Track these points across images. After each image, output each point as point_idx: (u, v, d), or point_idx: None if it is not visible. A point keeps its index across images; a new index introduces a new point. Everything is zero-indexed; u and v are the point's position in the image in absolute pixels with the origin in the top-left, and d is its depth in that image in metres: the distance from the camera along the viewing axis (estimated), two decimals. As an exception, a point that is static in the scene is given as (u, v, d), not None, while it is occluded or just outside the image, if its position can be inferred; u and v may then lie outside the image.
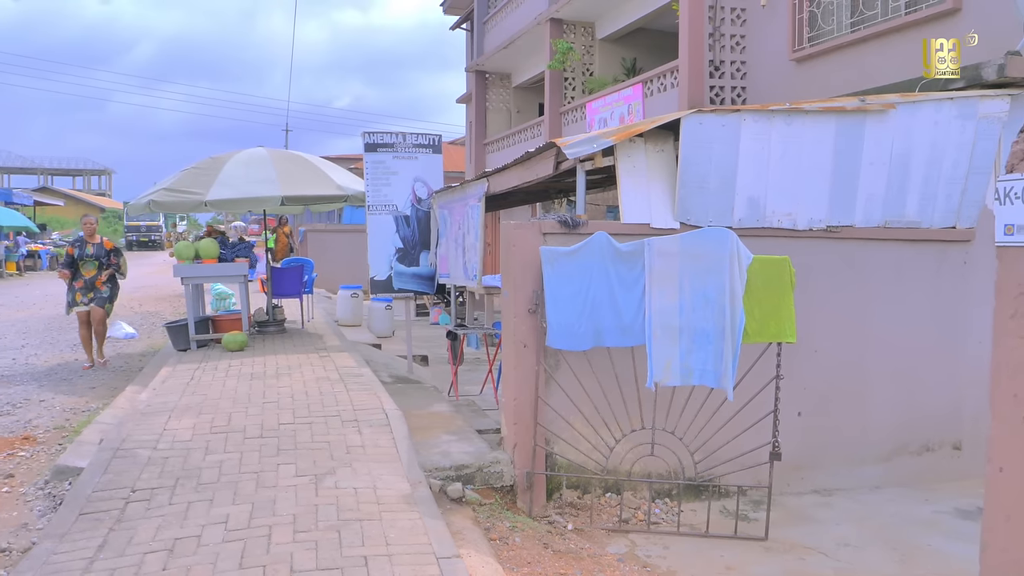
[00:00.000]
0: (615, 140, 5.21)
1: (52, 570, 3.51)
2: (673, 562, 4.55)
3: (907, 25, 7.78)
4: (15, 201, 28.40)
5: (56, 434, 6.09)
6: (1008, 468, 1.79)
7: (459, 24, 22.33)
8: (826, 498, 5.69)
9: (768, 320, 4.90)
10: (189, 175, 8.91)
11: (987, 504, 1.85)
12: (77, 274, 8.68)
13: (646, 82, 12.02)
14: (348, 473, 4.65)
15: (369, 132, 8.98)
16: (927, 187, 5.89)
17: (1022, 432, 1.77)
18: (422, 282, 9.10)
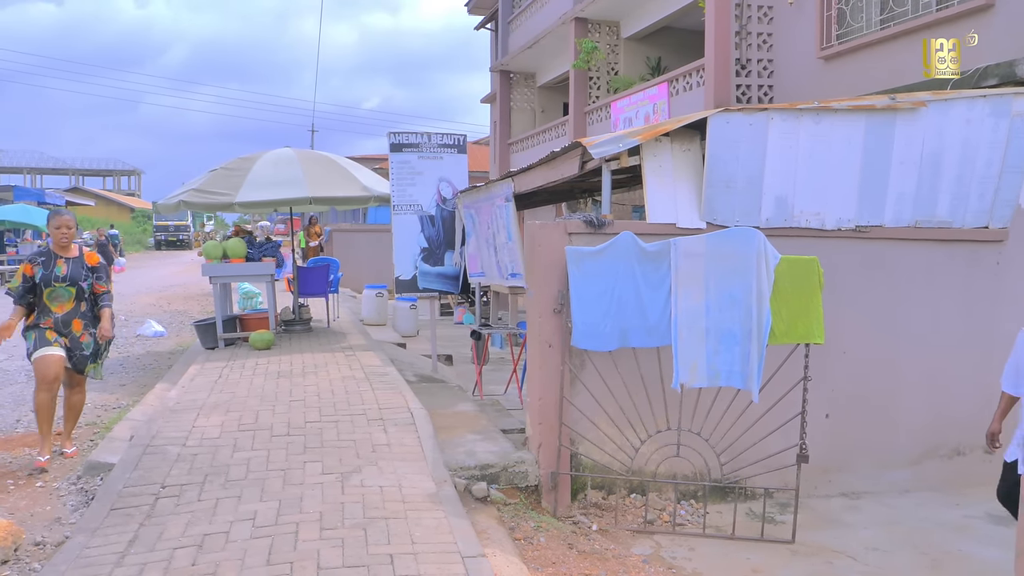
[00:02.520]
0: (641, 139, 5.19)
1: (85, 564, 3.58)
2: (699, 564, 4.52)
3: (939, 22, 7.66)
4: (47, 201, 28.87)
5: (88, 430, 6.19)
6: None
7: (483, 24, 22.37)
8: (854, 501, 5.62)
9: (796, 321, 4.85)
10: (219, 176, 9.02)
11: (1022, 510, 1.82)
12: (44, 309, 5.31)
13: (671, 81, 11.96)
14: (374, 471, 4.68)
15: (394, 132, 9.04)
16: (959, 186, 5.79)
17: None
18: (447, 282, 9.13)
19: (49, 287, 5.32)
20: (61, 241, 5.43)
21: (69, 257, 5.45)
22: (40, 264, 5.34)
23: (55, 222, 5.46)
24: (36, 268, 5.32)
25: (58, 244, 5.44)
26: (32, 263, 5.35)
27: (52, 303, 5.36)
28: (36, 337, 5.30)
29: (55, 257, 5.40)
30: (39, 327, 5.33)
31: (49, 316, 5.35)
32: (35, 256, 5.46)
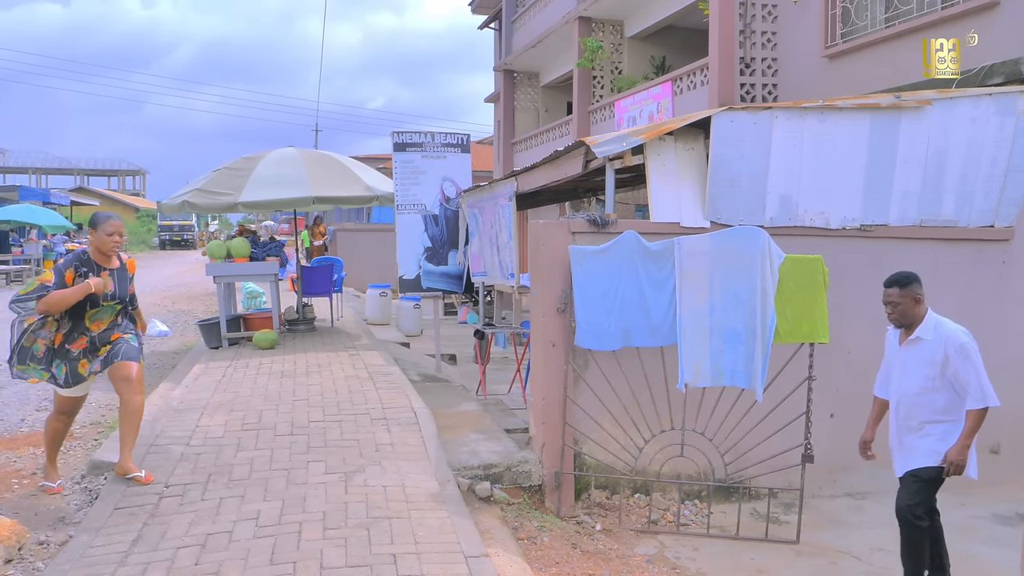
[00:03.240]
0: (644, 139, 5.18)
1: (88, 563, 3.58)
2: (703, 564, 4.51)
3: (943, 20, 7.63)
4: (52, 201, 28.96)
5: (92, 430, 6.19)
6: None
7: (487, 24, 22.36)
8: (859, 501, 5.60)
9: (800, 320, 4.83)
10: (222, 176, 9.02)
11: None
12: (79, 329, 4.57)
13: (675, 80, 11.94)
14: (377, 471, 4.68)
15: (398, 132, 9.04)
16: (964, 185, 5.77)
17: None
18: (450, 281, 9.12)
19: (96, 307, 4.54)
20: (111, 249, 4.61)
21: (112, 268, 4.64)
22: (83, 276, 4.47)
23: (107, 227, 4.57)
24: (79, 280, 4.46)
25: (106, 253, 4.61)
26: (76, 271, 4.47)
27: (91, 322, 4.59)
28: (68, 371, 4.53)
29: (98, 269, 4.55)
30: (69, 355, 4.54)
31: (84, 335, 4.56)
32: (76, 263, 4.50)
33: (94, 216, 4.68)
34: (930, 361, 3.84)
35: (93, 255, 4.59)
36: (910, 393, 3.94)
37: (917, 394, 3.91)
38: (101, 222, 4.62)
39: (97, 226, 4.61)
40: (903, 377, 3.99)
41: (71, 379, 4.57)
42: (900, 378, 4.01)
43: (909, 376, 3.94)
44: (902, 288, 3.88)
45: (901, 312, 3.91)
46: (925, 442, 3.89)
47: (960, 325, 3.91)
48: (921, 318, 3.91)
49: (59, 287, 4.39)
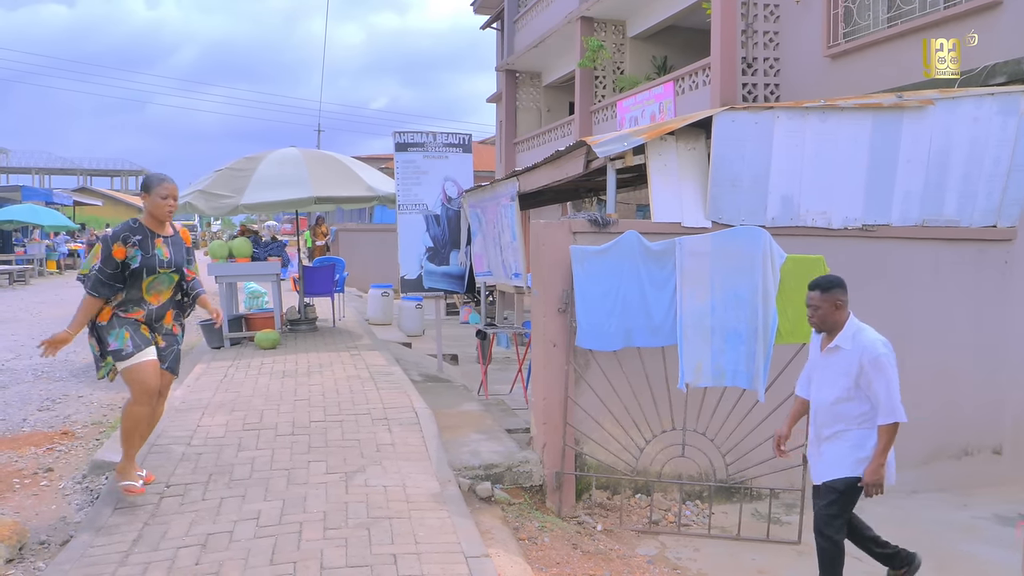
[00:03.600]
0: (646, 138, 5.17)
1: (88, 563, 3.58)
2: (704, 564, 4.50)
3: (946, 20, 7.62)
4: (55, 201, 29.05)
5: (94, 429, 6.20)
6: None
7: (489, 23, 22.37)
8: (860, 502, 5.57)
9: (802, 320, 4.80)
10: (224, 176, 9.02)
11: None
12: (135, 299, 4.26)
13: (677, 80, 11.93)
14: (378, 471, 4.68)
15: (400, 132, 9.03)
16: (967, 185, 5.76)
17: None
18: (452, 281, 9.12)
19: (153, 275, 4.23)
20: (165, 214, 4.29)
21: (167, 236, 4.34)
22: (136, 244, 4.16)
23: (161, 190, 4.25)
24: (131, 250, 4.15)
25: (160, 219, 4.29)
26: (125, 243, 4.15)
27: (149, 293, 4.28)
28: (130, 334, 4.16)
29: (152, 236, 4.24)
30: (128, 320, 4.20)
31: (142, 308, 4.25)
32: (126, 234, 4.17)
33: (147, 179, 4.32)
34: (846, 371, 3.75)
35: (146, 221, 4.28)
36: (827, 402, 3.86)
37: (833, 404, 3.82)
38: (155, 185, 4.26)
39: (151, 189, 4.26)
40: (821, 386, 3.90)
41: (136, 342, 4.16)
42: (819, 386, 3.93)
43: (827, 385, 3.86)
44: (823, 292, 3.81)
45: (820, 317, 3.83)
46: (840, 450, 3.80)
47: (881, 335, 3.79)
48: (841, 325, 3.81)
49: (107, 263, 4.11)
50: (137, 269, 4.16)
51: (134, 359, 4.16)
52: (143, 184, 4.31)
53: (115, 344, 4.16)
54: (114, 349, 4.16)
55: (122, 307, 4.23)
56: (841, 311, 3.81)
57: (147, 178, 4.34)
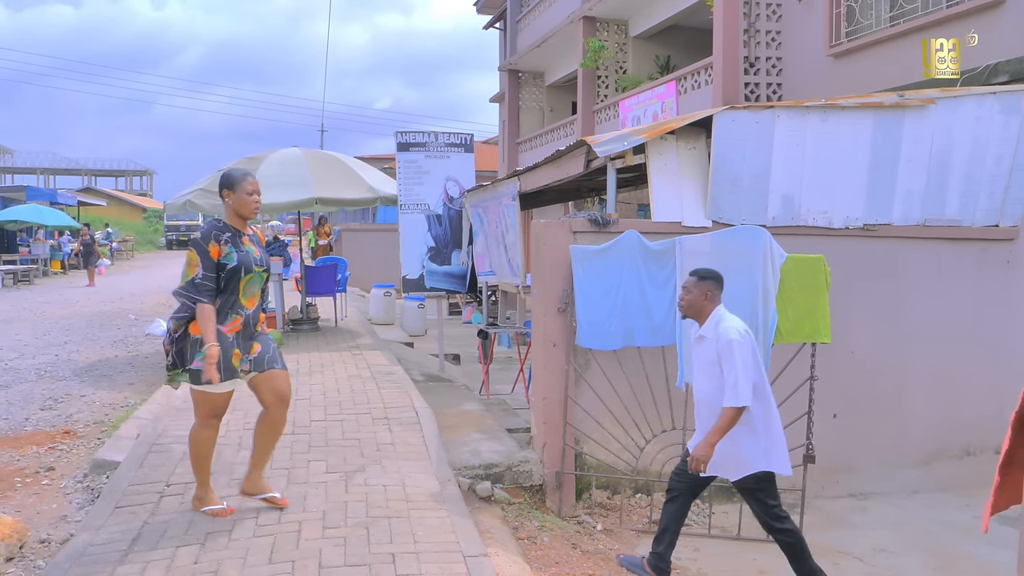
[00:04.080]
0: (646, 138, 5.17)
1: (88, 561, 3.59)
2: (704, 564, 4.50)
3: (948, 19, 7.60)
4: (60, 201, 29.12)
5: (95, 428, 6.21)
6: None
7: (492, 23, 22.38)
8: (862, 502, 5.58)
9: (802, 320, 4.82)
10: (226, 176, 9.03)
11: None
12: (232, 305, 3.86)
13: (680, 79, 11.92)
14: (378, 471, 4.68)
15: (401, 132, 9.03)
16: (968, 184, 5.74)
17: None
18: (454, 281, 9.12)
19: (249, 274, 3.86)
20: (252, 211, 3.94)
21: (250, 235, 4.02)
22: (228, 242, 3.80)
23: (247, 186, 3.89)
24: (225, 248, 3.78)
25: (246, 216, 3.94)
26: (218, 241, 3.78)
27: (246, 296, 3.89)
28: (219, 360, 3.75)
29: (238, 234, 3.88)
30: (225, 338, 3.80)
31: (239, 314, 3.86)
32: (216, 232, 3.80)
33: (229, 176, 3.92)
34: (711, 360, 3.83)
35: (229, 220, 3.90)
36: (705, 394, 3.92)
37: (709, 394, 3.87)
38: (239, 181, 3.89)
39: (235, 186, 3.88)
40: (698, 377, 3.99)
41: (223, 371, 3.76)
42: (697, 379, 4.01)
43: (702, 376, 3.94)
44: (699, 280, 3.93)
45: (689, 301, 3.93)
46: (738, 448, 3.82)
47: (743, 323, 3.87)
48: (707, 315, 3.90)
49: (208, 267, 3.74)
50: (234, 268, 3.78)
51: (210, 388, 3.79)
52: (225, 181, 3.91)
53: (199, 363, 3.73)
54: (195, 369, 3.75)
55: (219, 318, 3.79)
56: (710, 302, 3.90)
57: (229, 174, 3.93)
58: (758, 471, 3.82)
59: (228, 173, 3.94)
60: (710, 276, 3.95)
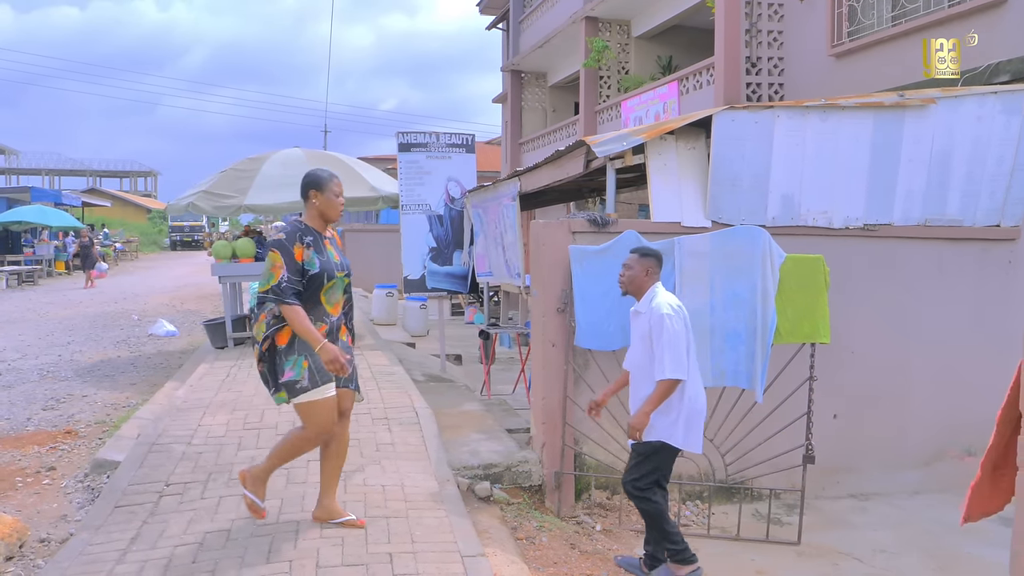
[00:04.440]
0: (645, 138, 5.16)
1: (87, 560, 3.60)
2: (703, 564, 4.46)
3: (951, 18, 7.58)
4: (64, 202, 29.24)
5: (97, 428, 6.23)
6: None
7: (495, 24, 22.38)
8: (863, 503, 5.56)
9: (801, 320, 4.81)
10: (228, 177, 9.06)
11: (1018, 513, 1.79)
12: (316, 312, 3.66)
13: (682, 80, 11.91)
14: (377, 471, 4.68)
15: (403, 132, 9.05)
16: (969, 184, 5.72)
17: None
18: (455, 281, 9.13)
19: (332, 280, 3.68)
20: (338, 214, 3.77)
21: (331, 238, 3.84)
22: (311, 246, 3.62)
23: (334, 187, 3.73)
24: (308, 252, 3.60)
25: (331, 219, 3.77)
26: (302, 243, 3.60)
27: (329, 303, 3.72)
28: (310, 363, 3.58)
29: (320, 237, 3.72)
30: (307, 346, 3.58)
31: (324, 322, 3.67)
32: (299, 233, 3.62)
33: (316, 176, 3.73)
34: (644, 335, 3.94)
35: (310, 222, 3.72)
36: (635, 366, 4.08)
37: (639, 367, 4.03)
38: (327, 181, 3.71)
39: (323, 187, 3.70)
40: (631, 350, 4.15)
41: (317, 372, 3.57)
42: (631, 351, 4.17)
43: (635, 349, 4.09)
44: (640, 256, 4.06)
45: (629, 277, 4.05)
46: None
47: (677, 299, 4.00)
48: (644, 291, 4.02)
49: (293, 270, 3.53)
50: (316, 274, 3.60)
51: (310, 395, 3.58)
52: (312, 181, 3.72)
53: (291, 373, 3.57)
54: (288, 380, 3.57)
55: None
56: (649, 279, 4.02)
57: (317, 174, 3.75)
58: (660, 440, 3.95)
59: (315, 173, 3.75)
60: (651, 253, 4.09)
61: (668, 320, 3.81)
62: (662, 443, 3.95)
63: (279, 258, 3.54)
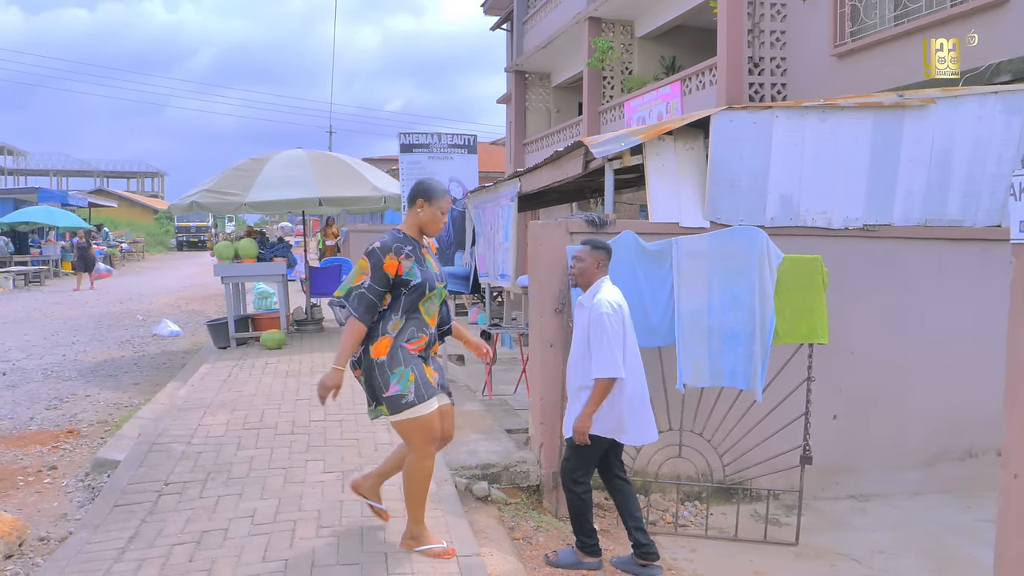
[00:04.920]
0: (643, 138, 5.17)
1: (85, 559, 3.62)
2: (699, 565, 4.49)
3: (952, 18, 7.56)
4: (70, 203, 29.37)
5: (99, 428, 6.27)
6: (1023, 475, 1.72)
7: (499, 25, 22.38)
8: (862, 504, 5.55)
9: (799, 321, 4.80)
10: (230, 176, 9.10)
11: (1001, 512, 1.79)
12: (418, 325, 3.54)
13: (684, 80, 11.90)
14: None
15: (405, 133, 9.07)
16: (970, 184, 5.70)
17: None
18: (457, 282, 9.14)
19: (433, 291, 3.54)
20: (440, 230, 3.67)
21: (427, 247, 3.71)
22: (411, 256, 3.47)
23: (443, 203, 3.60)
24: (407, 263, 3.45)
25: (432, 234, 3.67)
26: (398, 254, 3.44)
27: (429, 315, 3.59)
28: (416, 376, 3.44)
29: (419, 246, 3.58)
30: (412, 356, 3.47)
31: (424, 334, 3.54)
32: (398, 244, 3.47)
33: (429, 187, 3.59)
34: (583, 327, 3.98)
35: (408, 231, 3.58)
36: (573, 358, 4.11)
37: (575, 360, 4.06)
38: (439, 195, 3.58)
39: (433, 199, 3.56)
40: (573, 342, 4.18)
41: (423, 386, 3.45)
42: (573, 342, 4.18)
43: (575, 343, 4.11)
44: (592, 249, 4.06)
45: (580, 269, 4.06)
46: (575, 408, 4.03)
47: (619, 296, 4.00)
48: (592, 284, 4.03)
49: (379, 280, 3.40)
50: (418, 284, 3.45)
51: (415, 410, 3.42)
52: (424, 191, 3.57)
53: (396, 387, 3.39)
54: (393, 394, 3.40)
55: (404, 336, 3.46)
56: (598, 272, 4.04)
57: (431, 185, 3.60)
58: (601, 435, 3.99)
59: (429, 184, 3.61)
60: (602, 246, 4.11)
61: (606, 319, 3.83)
62: (600, 437, 3.99)
63: (367, 265, 3.43)
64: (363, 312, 3.37)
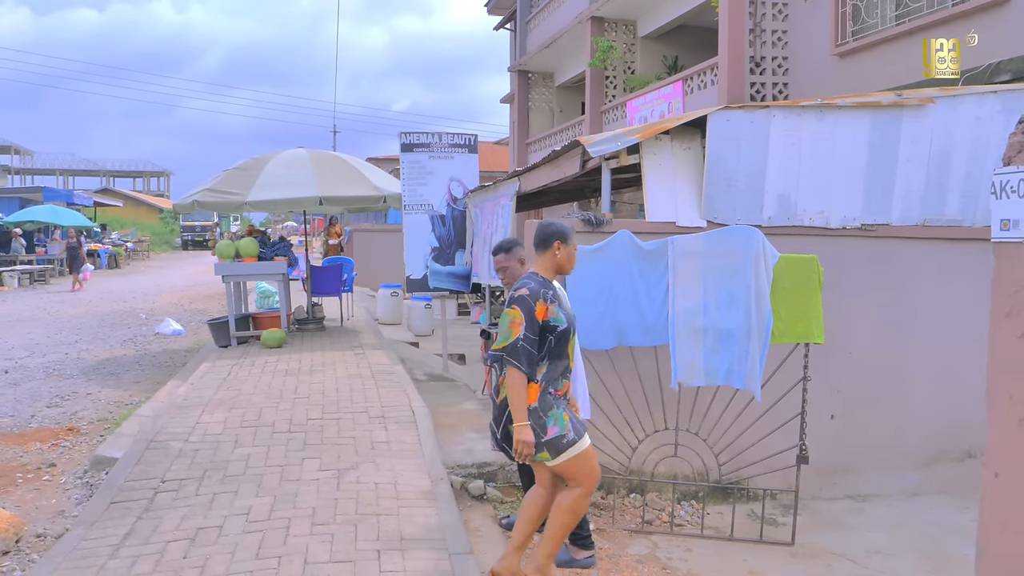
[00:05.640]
0: (640, 138, 5.17)
1: (80, 555, 3.65)
2: (694, 564, 4.48)
3: (954, 17, 7.54)
4: (76, 202, 29.50)
5: (99, 426, 6.30)
6: (1004, 474, 1.72)
7: (502, 24, 22.40)
8: (860, 504, 5.54)
9: (795, 320, 4.79)
10: (232, 175, 9.14)
11: (982, 511, 1.79)
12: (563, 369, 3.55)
13: (686, 79, 11.90)
14: (371, 468, 4.72)
15: (405, 133, 9.08)
16: (969, 184, 5.69)
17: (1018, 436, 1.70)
18: (458, 281, 9.15)
19: (575, 332, 3.58)
20: (573, 267, 3.69)
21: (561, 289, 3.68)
22: (554, 300, 3.44)
23: (576, 241, 3.66)
24: (553, 307, 3.42)
25: (567, 272, 3.70)
26: (546, 300, 3.40)
27: (570, 356, 3.57)
28: (569, 416, 3.47)
29: (556, 289, 3.55)
30: (560, 399, 3.49)
31: (567, 378, 3.57)
32: (544, 289, 3.43)
33: (563, 229, 3.57)
34: None
35: (545, 273, 3.56)
36: None
37: None
38: (572, 235, 3.59)
39: (569, 240, 3.57)
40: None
41: (578, 424, 3.50)
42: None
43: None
44: (506, 253, 4.08)
45: (511, 275, 4.05)
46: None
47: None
48: None
49: (532, 329, 3.36)
50: (565, 330, 3.44)
51: (578, 447, 3.42)
52: (560, 232, 3.56)
53: (555, 430, 3.37)
54: (554, 436, 3.37)
55: (551, 382, 3.47)
56: (524, 266, 4.02)
57: (564, 228, 3.58)
58: None
59: (563, 226, 3.60)
60: (515, 244, 4.15)
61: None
62: None
63: (519, 315, 3.37)
64: (528, 365, 3.35)
